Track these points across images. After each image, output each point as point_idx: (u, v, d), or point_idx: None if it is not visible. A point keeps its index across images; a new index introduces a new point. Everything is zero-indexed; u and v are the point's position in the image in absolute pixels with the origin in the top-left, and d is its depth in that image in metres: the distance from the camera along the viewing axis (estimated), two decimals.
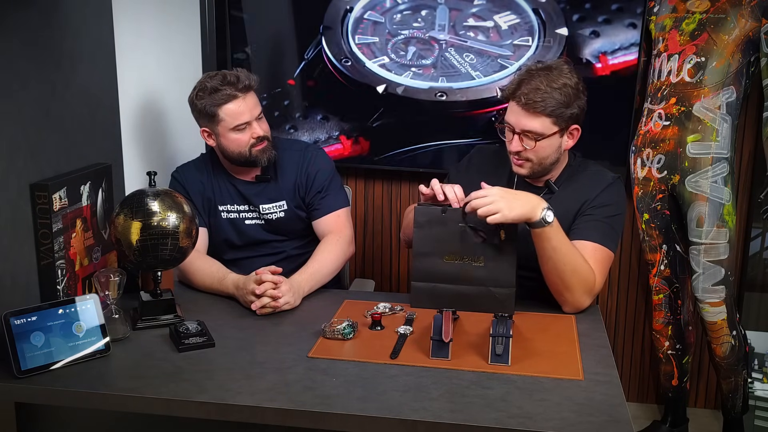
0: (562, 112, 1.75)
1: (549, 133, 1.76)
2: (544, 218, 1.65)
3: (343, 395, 1.37)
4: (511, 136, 1.80)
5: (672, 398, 2.66)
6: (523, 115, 1.76)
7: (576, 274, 1.71)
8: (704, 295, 2.42)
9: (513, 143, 1.79)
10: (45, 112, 1.69)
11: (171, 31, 2.45)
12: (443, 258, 1.77)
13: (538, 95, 1.72)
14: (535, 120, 1.75)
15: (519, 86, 1.76)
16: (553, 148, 1.80)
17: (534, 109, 1.74)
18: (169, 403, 1.37)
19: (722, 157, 2.34)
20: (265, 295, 1.76)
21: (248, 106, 1.98)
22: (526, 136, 1.77)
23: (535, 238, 1.70)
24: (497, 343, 1.51)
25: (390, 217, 2.92)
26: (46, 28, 1.69)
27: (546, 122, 1.75)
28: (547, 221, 1.65)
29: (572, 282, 1.72)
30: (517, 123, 1.77)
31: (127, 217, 1.65)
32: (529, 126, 1.76)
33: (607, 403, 1.34)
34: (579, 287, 1.73)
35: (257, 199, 2.09)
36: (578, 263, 1.71)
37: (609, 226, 1.81)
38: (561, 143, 1.81)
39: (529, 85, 1.74)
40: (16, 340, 1.45)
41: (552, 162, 1.84)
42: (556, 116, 1.75)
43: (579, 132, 1.83)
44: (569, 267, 1.70)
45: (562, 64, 1.79)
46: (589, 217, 1.81)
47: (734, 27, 2.28)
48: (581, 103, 1.79)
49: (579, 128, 1.82)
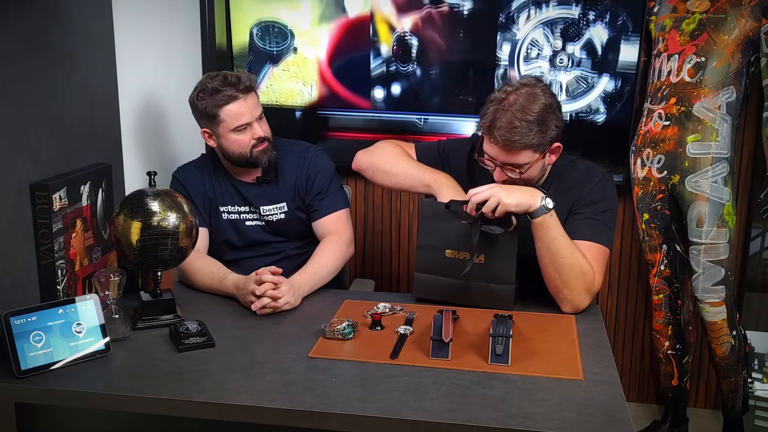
0: (542, 140, 1.74)
1: (533, 161, 1.76)
2: (545, 205, 1.67)
3: (343, 395, 1.37)
4: (493, 166, 1.80)
5: (672, 398, 2.66)
6: (503, 152, 1.74)
7: (574, 268, 1.71)
8: (704, 295, 2.41)
9: (497, 174, 1.79)
10: (45, 112, 1.69)
11: (171, 31, 2.45)
12: (445, 252, 1.78)
13: (516, 134, 1.70)
14: (517, 155, 1.74)
15: (494, 122, 1.72)
16: (537, 170, 1.81)
17: (515, 148, 1.72)
18: (169, 403, 1.37)
19: (722, 157, 2.34)
20: (265, 295, 1.76)
21: (249, 107, 1.98)
22: (510, 168, 1.77)
23: (535, 229, 1.70)
24: (497, 343, 1.52)
25: (390, 217, 2.92)
26: (46, 28, 1.69)
27: (528, 154, 1.74)
28: (548, 207, 1.67)
29: (570, 277, 1.72)
30: (498, 158, 1.76)
31: (127, 217, 1.65)
32: (511, 160, 1.75)
33: (607, 403, 1.34)
34: (577, 284, 1.73)
35: (258, 200, 2.09)
36: (576, 258, 1.71)
37: (602, 222, 1.81)
38: (545, 162, 1.82)
39: (503, 121, 1.71)
40: (16, 340, 1.45)
41: (538, 179, 1.86)
42: (536, 145, 1.74)
43: (560, 148, 1.83)
44: (567, 261, 1.70)
45: (534, 86, 1.76)
46: (581, 215, 1.81)
47: (734, 27, 2.28)
48: (558, 122, 1.77)
49: (560, 145, 1.81)
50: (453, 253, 1.77)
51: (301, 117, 2.80)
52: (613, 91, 2.58)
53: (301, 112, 2.80)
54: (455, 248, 1.77)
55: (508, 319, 1.57)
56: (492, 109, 1.75)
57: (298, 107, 2.79)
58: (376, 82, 2.71)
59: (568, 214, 1.83)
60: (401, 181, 1.94)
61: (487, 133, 1.76)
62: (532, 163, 1.76)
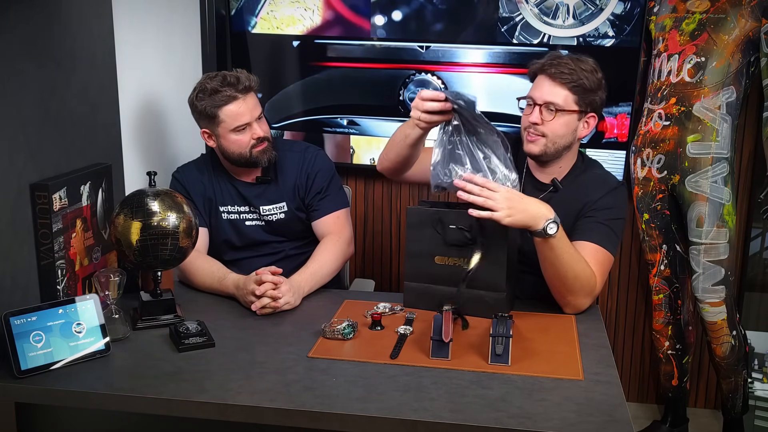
0: (585, 94, 1.80)
1: (569, 108, 1.80)
2: (545, 230, 1.62)
3: (343, 395, 1.37)
4: (530, 109, 1.84)
5: (672, 398, 2.66)
6: (548, 85, 1.81)
7: (578, 279, 1.70)
8: (704, 295, 2.42)
9: (533, 114, 1.82)
10: (45, 112, 1.69)
11: (171, 31, 2.45)
12: (434, 259, 1.76)
13: (566, 68, 1.79)
14: (560, 92, 1.80)
15: (548, 62, 1.82)
16: (569, 127, 1.82)
17: (561, 80, 1.79)
18: (169, 403, 1.37)
19: (722, 157, 2.34)
20: (265, 295, 1.76)
21: (248, 107, 1.98)
22: (547, 108, 1.80)
23: (537, 245, 1.68)
24: (497, 343, 1.51)
25: (390, 217, 2.92)
26: (46, 28, 1.69)
27: (569, 97, 1.80)
28: (548, 233, 1.62)
29: (574, 286, 1.72)
30: (541, 95, 1.81)
31: (127, 217, 1.65)
32: (552, 97, 1.80)
33: (607, 403, 1.34)
34: (580, 291, 1.73)
35: (258, 200, 2.09)
36: (580, 269, 1.70)
37: (610, 229, 1.80)
38: (577, 127, 1.83)
39: (559, 62, 1.81)
40: (16, 340, 1.45)
41: (564, 145, 1.84)
42: (579, 94, 1.80)
43: (594, 122, 1.86)
44: (571, 273, 1.69)
45: (588, 58, 1.85)
46: (590, 218, 1.81)
47: (734, 27, 2.28)
48: (602, 96, 1.85)
49: (595, 117, 1.86)
50: (442, 260, 1.76)
51: (299, 46, 2.73)
52: (622, 13, 2.50)
53: (299, 41, 2.73)
54: (444, 254, 1.75)
55: (508, 319, 1.56)
56: (549, 57, 1.84)
57: (297, 36, 2.72)
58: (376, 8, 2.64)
59: (578, 215, 1.83)
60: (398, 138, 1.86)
61: (539, 71, 1.83)
62: (568, 110, 1.79)
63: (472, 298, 1.72)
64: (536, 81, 1.85)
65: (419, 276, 1.79)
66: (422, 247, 1.77)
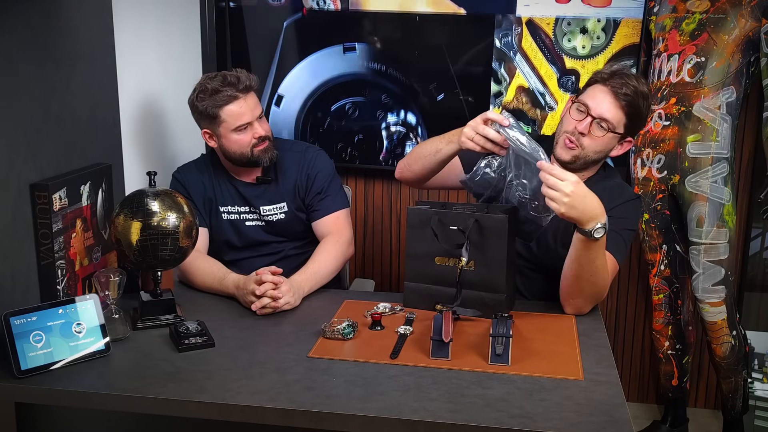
0: (634, 119, 1.77)
1: (617, 130, 1.77)
2: (591, 232, 1.59)
3: (343, 395, 1.37)
4: (583, 117, 1.78)
5: (672, 398, 2.66)
6: (608, 102, 1.76)
7: (595, 286, 1.69)
8: (704, 295, 2.42)
9: (583, 123, 1.76)
10: (45, 112, 1.69)
11: (171, 31, 2.46)
12: (434, 260, 1.76)
13: (629, 90, 1.75)
14: (616, 112, 1.76)
15: (614, 75, 1.77)
16: (607, 147, 1.80)
17: (621, 101, 1.75)
18: (169, 403, 1.37)
19: (722, 157, 2.34)
20: (266, 295, 1.76)
21: (249, 107, 1.98)
22: (599, 124, 1.76)
23: (576, 241, 1.65)
24: (497, 343, 1.51)
25: (390, 217, 2.92)
26: (46, 28, 1.69)
27: (621, 119, 1.77)
28: (594, 236, 1.59)
29: (587, 292, 1.71)
30: (598, 108, 1.76)
31: (127, 217, 1.65)
32: (607, 114, 1.76)
33: (607, 403, 1.34)
34: (590, 297, 1.73)
35: (258, 200, 2.09)
36: (601, 278, 1.68)
37: (622, 238, 1.79)
38: (613, 147, 1.81)
39: (624, 79, 1.76)
40: (16, 340, 1.45)
41: (594, 161, 1.83)
42: (629, 118, 1.77)
43: (629, 146, 1.84)
44: (592, 279, 1.68)
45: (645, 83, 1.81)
46: None
47: (734, 27, 2.28)
48: (644, 122, 1.82)
49: (631, 142, 1.83)
50: (442, 260, 1.76)
51: None
52: None
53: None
54: (444, 255, 1.75)
55: (508, 319, 1.56)
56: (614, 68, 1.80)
57: None
58: None
59: None
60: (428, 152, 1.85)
61: (602, 82, 1.78)
62: (616, 132, 1.77)
63: (472, 298, 1.72)
64: (595, 90, 1.79)
65: (419, 276, 1.79)
66: (422, 248, 1.77)
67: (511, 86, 2.64)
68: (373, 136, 2.79)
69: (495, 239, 1.69)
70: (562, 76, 2.60)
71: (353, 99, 2.76)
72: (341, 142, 2.81)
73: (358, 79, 2.74)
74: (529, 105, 2.64)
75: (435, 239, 1.74)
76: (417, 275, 1.79)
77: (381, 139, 2.79)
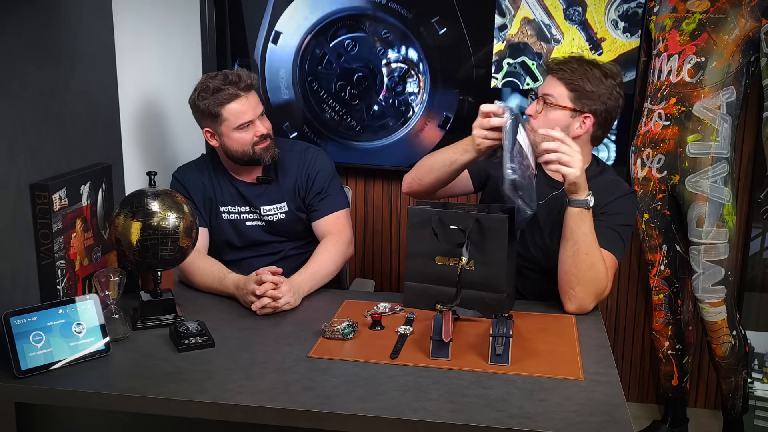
0: (581, 93, 1.80)
1: (561, 103, 1.81)
2: (587, 199, 1.67)
3: (343, 395, 1.37)
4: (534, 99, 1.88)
5: (672, 398, 2.66)
6: (548, 81, 1.85)
7: (593, 269, 1.69)
8: (704, 295, 2.42)
9: (531, 105, 1.87)
10: (45, 112, 1.69)
11: (171, 31, 2.45)
12: (435, 259, 1.76)
13: (567, 67, 1.82)
14: (555, 87, 1.82)
15: (557, 62, 1.86)
16: (560, 122, 1.80)
17: (557, 75, 1.82)
18: (169, 403, 1.37)
19: (722, 157, 2.34)
20: (266, 295, 1.76)
21: (251, 105, 1.98)
22: (544, 99, 1.83)
23: (569, 219, 1.68)
24: (497, 343, 1.51)
25: (390, 217, 2.92)
26: (45, 28, 1.69)
27: (563, 93, 1.82)
28: (589, 205, 1.68)
29: (587, 277, 1.70)
30: (542, 88, 1.86)
31: (127, 217, 1.65)
32: (547, 89, 1.83)
33: (607, 403, 1.34)
34: (591, 285, 1.71)
35: (258, 200, 2.09)
36: (598, 259, 1.70)
37: (619, 235, 1.79)
38: (570, 124, 1.82)
39: (565, 61, 1.85)
40: (16, 340, 1.45)
41: None
42: (574, 92, 1.80)
43: (591, 122, 1.82)
44: (589, 259, 1.68)
45: (612, 66, 1.87)
46: (600, 222, 1.78)
47: (734, 27, 2.28)
48: (608, 103, 1.82)
49: (591, 118, 1.82)
50: (443, 260, 1.76)
51: None
52: None
53: None
54: (444, 255, 1.75)
55: (508, 319, 1.56)
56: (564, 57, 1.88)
57: None
58: None
59: None
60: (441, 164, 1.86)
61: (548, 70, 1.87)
62: (560, 105, 1.80)
63: (472, 298, 1.72)
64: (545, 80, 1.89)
65: (419, 276, 1.79)
66: (423, 247, 1.77)
67: (516, 18, 2.57)
68: (374, 73, 2.72)
69: (495, 239, 1.69)
70: (568, 8, 2.52)
71: (353, 35, 2.69)
72: (340, 80, 2.74)
73: (359, 13, 2.66)
74: (534, 38, 2.57)
75: (435, 239, 1.74)
76: (417, 275, 1.79)
77: (381, 76, 2.71)
